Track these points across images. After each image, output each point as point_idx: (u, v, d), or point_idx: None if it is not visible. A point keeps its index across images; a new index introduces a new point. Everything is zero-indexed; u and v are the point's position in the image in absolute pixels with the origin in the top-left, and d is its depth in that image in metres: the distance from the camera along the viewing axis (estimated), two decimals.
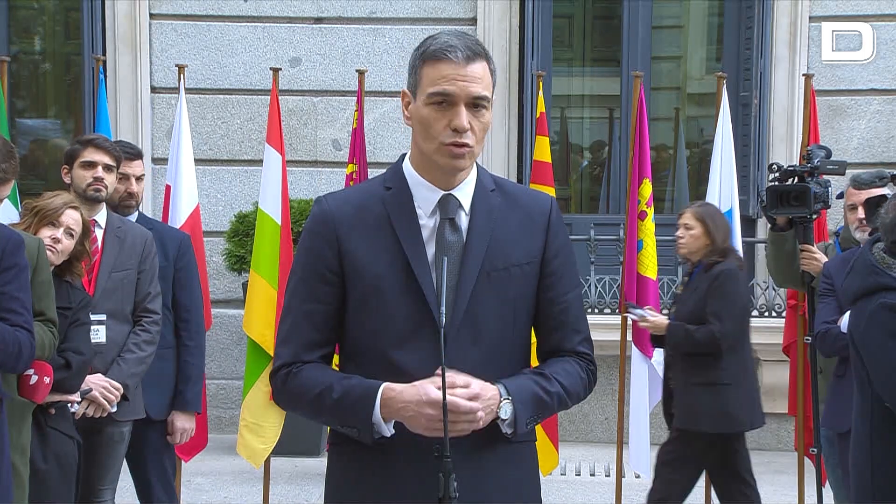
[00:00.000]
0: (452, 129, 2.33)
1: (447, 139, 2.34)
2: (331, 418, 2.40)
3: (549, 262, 2.48)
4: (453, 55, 2.32)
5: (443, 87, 2.32)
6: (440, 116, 2.34)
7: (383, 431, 2.33)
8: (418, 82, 2.37)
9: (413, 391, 2.27)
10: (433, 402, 2.24)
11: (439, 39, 2.36)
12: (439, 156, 2.37)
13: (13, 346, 3.44)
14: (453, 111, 2.33)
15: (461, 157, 2.36)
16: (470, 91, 2.33)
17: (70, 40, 8.65)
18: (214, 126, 7.91)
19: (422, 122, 2.37)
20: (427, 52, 2.35)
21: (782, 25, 7.63)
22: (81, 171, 4.36)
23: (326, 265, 2.42)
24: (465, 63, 2.33)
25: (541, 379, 2.42)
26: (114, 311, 4.30)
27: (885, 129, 7.68)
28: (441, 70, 2.33)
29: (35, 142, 8.71)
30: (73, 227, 3.96)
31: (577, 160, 8.93)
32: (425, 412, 2.26)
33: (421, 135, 2.38)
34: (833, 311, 4.65)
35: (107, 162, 4.37)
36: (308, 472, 6.74)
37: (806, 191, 4.99)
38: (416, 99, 2.38)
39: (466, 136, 2.34)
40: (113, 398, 4.20)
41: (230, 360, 7.80)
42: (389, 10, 7.88)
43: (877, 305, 3.14)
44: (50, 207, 3.95)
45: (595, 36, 8.96)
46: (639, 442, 5.52)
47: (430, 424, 2.26)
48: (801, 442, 5.50)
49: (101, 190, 4.35)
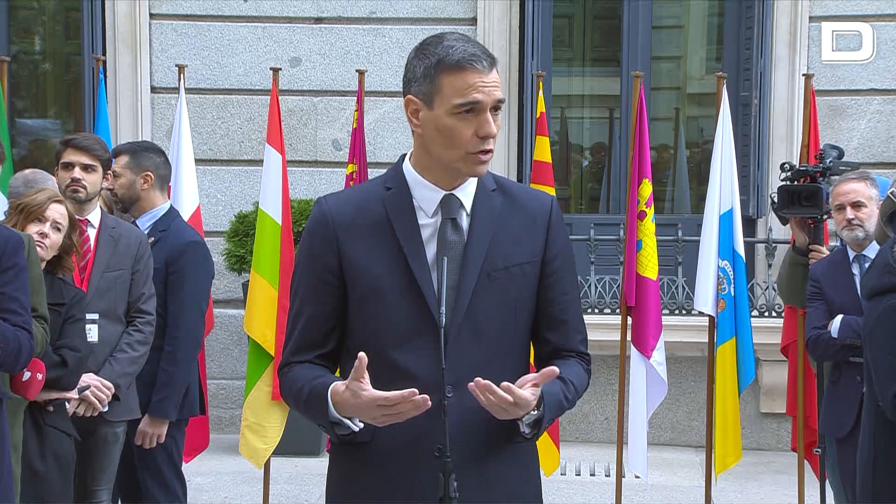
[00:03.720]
0: (482, 136, 2.32)
1: (475, 148, 2.34)
2: (308, 418, 2.43)
3: (549, 262, 2.48)
4: (479, 63, 2.32)
5: (472, 97, 2.31)
6: (466, 125, 2.33)
7: (350, 427, 2.33)
8: (436, 91, 2.33)
9: (350, 397, 2.27)
10: (374, 403, 2.24)
11: (458, 48, 2.33)
12: (463, 164, 2.36)
13: (14, 346, 3.47)
14: (480, 118, 2.32)
15: (485, 163, 2.37)
16: (495, 97, 2.34)
17: (70, 40, 8.65)
18: (214, 126, 7.91)
19: (443, 132, 2.34)
20: (447, 61, 2.32)
21: (782, 25, 7.63)
22: (62, 173, 4.39)
23: (326, 266, 2.42)
24: (488, 70, 2.33)
25: (562, 384, 2.42)
26: (106, 311, 4.30)
27: (885, 129, 7.68)
28: (468, 79, 2.31)
29: (35, 142, 8.71)
30: (60, 220, 3.96)
31: (577, 160, 8.93)
32: (375, 414, 2.26)
33: (441, 144, 2.36)
34: (822, 316, 4.63)
35: (85, 162, 4.36)
36: (308, 473, 6.74)
37: (818, 191, 4.96)
38: (434, 108, 2.34)
39: (491, 142, 2.35)
40: (104, 397, 4.21)
41: (230, 360, 7.80)
42: (389, 10, 7.88)
43: (886, 306, 3.16)
44: (34, 203, 3.95)
45: (595, 36, 8.96)
46: (636, 443, 5.52)
47: (382, 421, 2.27)
48: (800, 442, 5.49)
49: (79, 191, 4.35)
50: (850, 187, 4.67)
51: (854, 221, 4.63)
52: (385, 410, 2.23)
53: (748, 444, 5.25)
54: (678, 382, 7.37)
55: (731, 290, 5.47)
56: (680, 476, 6.88)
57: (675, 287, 7.44)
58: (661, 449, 7.21)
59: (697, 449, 7.14)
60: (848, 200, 4.64)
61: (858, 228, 4.63)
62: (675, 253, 7.40)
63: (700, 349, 6.56)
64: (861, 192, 4.65)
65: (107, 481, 4.41)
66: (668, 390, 5.70)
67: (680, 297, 7.43)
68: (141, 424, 4.53)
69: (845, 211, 4.65)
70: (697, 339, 6.61)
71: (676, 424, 7.55)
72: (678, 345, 7.08)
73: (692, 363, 7.35)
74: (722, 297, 5.47)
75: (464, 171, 2.38)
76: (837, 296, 4.63)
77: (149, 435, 4.54)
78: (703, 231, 5.56)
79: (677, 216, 8.06)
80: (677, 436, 7.55)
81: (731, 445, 5.50)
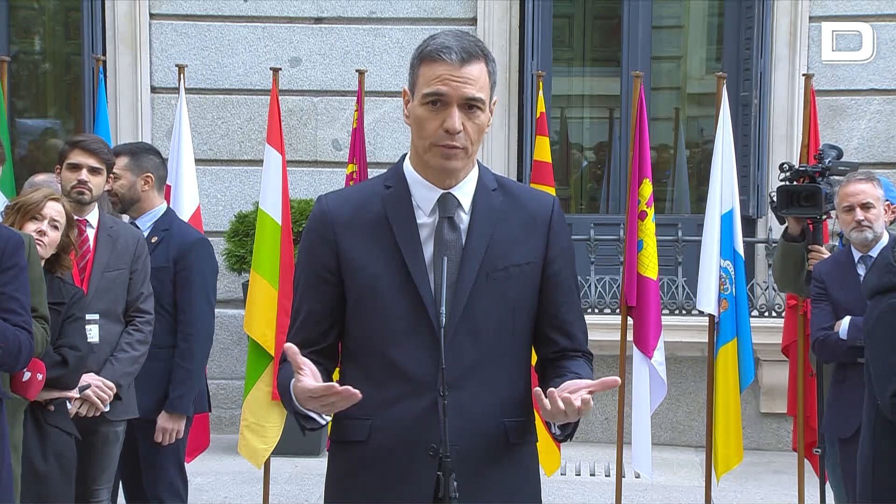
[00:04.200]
0: (445, 130, 2.33)
1: (439, 140, 2.35)
2: (289, 412, 2.45)
3: (550, 262, 2.48)
4: (447, 56, 2.32)
5: (436, 88, 2.33)
6: (433, 117, 2.34)
7: (317, 420, 2.36)
8: (415, 81, 2.38)
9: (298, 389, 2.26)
10: (305, 395, 2.24)
11: (437, 40, 2.36)
12: (430, 155, 2.38)
13: (14, 346, 3.47)
14: (447, 112, 2.33)
15: (452, 157, 2.37)
16: (463, 92, 2.33)
17: (70, 40, 8.64)
18: (214, 126, 7.91)
19: (416, 122, 2.38)
20: (424, 52, 2.36)
21: (782, 25, 7.63)
22: (67, 173, 4.37)
23: (324, 264, 2.43)
24: (459, 64, 2.33)
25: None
26: (106, 311, 4.31)
27: (885, 129, 7.68)
28: (435, 70, 2.33)
29: (35, 142, 8.71)
30: (57, 218, 3.96)
31: (577, 160, 8.92)
32: (312, 405, 2.27)
33: (415, 134, 2.40)
34: (828, 317, 4.61)
35: (92, 164, 4.36)
36: (308, 473, 6.73)
37: (817, 191, 4.96)
38: (414, 98, 2.39)
39: (458, 137, 2.34)
40: (106, 397, 4.21)
41: (230, 360, 7.80)
42: (389, 10, 7.88)
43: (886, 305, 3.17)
44: (31, 202, 3.95)
45: (595, 36, 8.96)
46: (641, 442, 5.52)
47: (324, 410, 2.28)
48: (800, 442, 5.49)
49: (85, 193, 4.34)
50: (859, 188, 4.63)
51: (864, 222, 4.60)
52: (316, 402, 2.24)
53: (748, 444, 5.25)
54: (678, 382, 7.37)
55: (733, 290, 5.47)
56: (680, 476, 6.88)
57: (675, 287, 7.44)
58: (661, 449, 7.20)
59: (697, 449, 7.14)
60: (857, 201, 4.61)
61: (868, 229, 4.61)
62: (676, 253, 7.40)
63: (700, 349, 6.56)
64: (869, 192, 4.62)
65: (107, 481, 4.41)
66: (669, 390, 5.71)
67: (680, 297, 7.43)
68: (159, 421, 4.54)
69: (854, 212, 4.62)
70: (697, 339, 6.61)
71: (676, 424, 7.55)
72: (678, 345, 7.09)
73: (692, 363, 7.35)
74: (725, 298, 5.47)
75: (431, 164, 2.39)
76: (843, 296, 4.61)
77: (168, 431, 4.56)
78: (705, 231, 5.56)
79: (677, 216, 8.06)
80: (677, 436, 7.55)
81: (734, 447, 5.50)
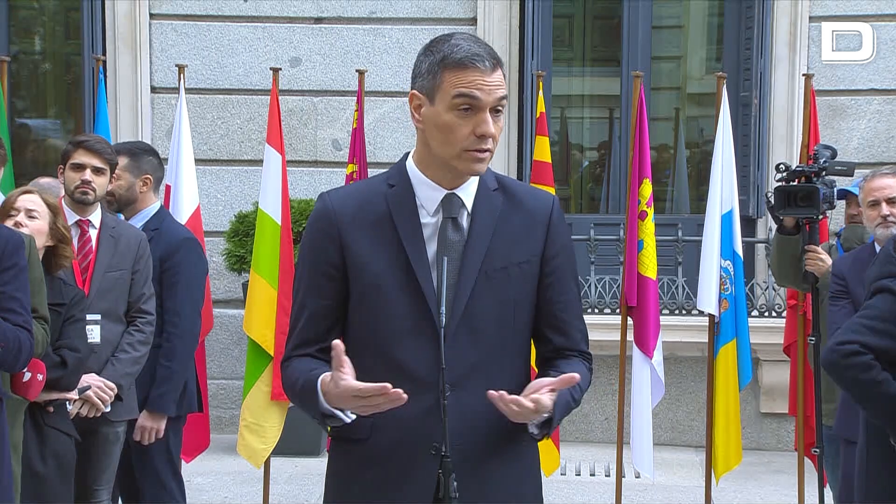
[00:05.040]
0: (478, 135, 2.33)
1: (471, 145, 2.34)
2: (304, 410, 2.43)
3: (549, 261, 2.48)
4: (481, 63, 2.32)
5: (471, 92, 2.31)
6: (464, 122, 2.33)
7: (343, 419, 2.33)
8: (438, 87, 2.34)
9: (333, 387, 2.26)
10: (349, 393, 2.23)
11: (462, 47, 2.34)
12: (460, 161, 2.36)
13: (14, 345, 3.47)
14: (478, 117, 2.33)
15: (482, 161, 2.37)
16: (497, 97, 2.34)
17: (70, 40, 8.65)
18: (214, 126, 7.91)
19: (441, 128, 2.35)
20: (451, 59, 2.33)
21: (782, 25, 7.63)
22: (71, 173, 4.35)
23: (328, 260, 2.43)
24: (490, 70, 2.33)
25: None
26: (108, 311, 4.30)
27: (885, 129, 7.68)
28: (468, 76, 2.32)
29: (35, 142, 8.71)
30: (32, 207, 3.93)
31: (577, 160, 8.93)
32: (353, 405, 2.25)
33: (439, 140, 2.37)
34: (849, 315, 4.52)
35: (96, 164, 4.34)
36: (308, 472, 6.73)
37: (814, 191, 4.95)
38: (435, 103, 2.35)
39: (489, 141, 2.35)
40: (107, 398, 4.21)
41: (230, 360, 7.80)
42: (389, 10, 7.87)
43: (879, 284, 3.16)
44: (6, 203, 3.96)
45: (595, 36, 8.96)
46: (642, 442, 5.52)
47: (363, 411, 2.26)
48: (801, 442, 5.50)
49: (88, 193, 4.33)
50: (885, 182, 4.49)
51: (889, 218, 4.46)
52: (361, 402, 2.23)
53: (748, 444, 5.26)
54: (678, 382, 7.37)
55: (734, 290, 5.47)
56: (680, 476, 6.89)
57: (675, 287, 7.44)
58: (661, 449, 7.20)
59: (697, 449, 7.14)
60: (883, 196, 4.47)
61: (893, 225, 4.48)
62: (675, 253, 7.40)
63: (700, 349, 6.56)
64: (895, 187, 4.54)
65: (107, 481, 4.41)
66: (668, 390, 5.72)
67: (680, 297, 7.43)
68: (140, 419, 4.52)
69: (880, 207, 4.47)
70: (697, 339, 6.61)
71: (676, 424, 7.55)
72: (678, 345, 7.09)
73: (692, 363, 7.35)
74: (725, 298, 5.47)
75: (461, 169, 2.38)
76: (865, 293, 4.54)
77: (147, 430, 4.54)
78: (706, 231, 5.55)
79: (677, 216, 8.06)
80: (677, 436, 7.55)
81: (733, 447, 5.50)
